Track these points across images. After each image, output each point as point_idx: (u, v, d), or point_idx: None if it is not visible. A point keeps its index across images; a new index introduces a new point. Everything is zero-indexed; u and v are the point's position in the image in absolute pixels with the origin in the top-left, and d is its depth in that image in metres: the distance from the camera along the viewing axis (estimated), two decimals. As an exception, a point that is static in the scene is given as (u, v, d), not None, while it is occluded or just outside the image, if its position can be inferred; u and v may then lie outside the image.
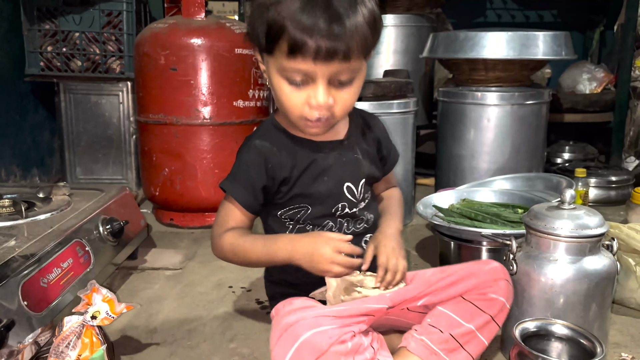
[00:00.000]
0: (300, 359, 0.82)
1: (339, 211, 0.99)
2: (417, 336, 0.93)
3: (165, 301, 1.29)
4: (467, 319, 0.92)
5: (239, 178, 0.96)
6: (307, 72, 0.85)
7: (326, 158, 0.98)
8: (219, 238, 0.97)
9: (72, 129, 2.15)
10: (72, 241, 1.18)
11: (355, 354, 0.85)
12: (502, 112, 1.87)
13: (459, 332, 0.92)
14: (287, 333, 0.84)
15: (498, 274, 0.95)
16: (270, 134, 0.98)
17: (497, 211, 1.38)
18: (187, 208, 1.79)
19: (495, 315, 0.93)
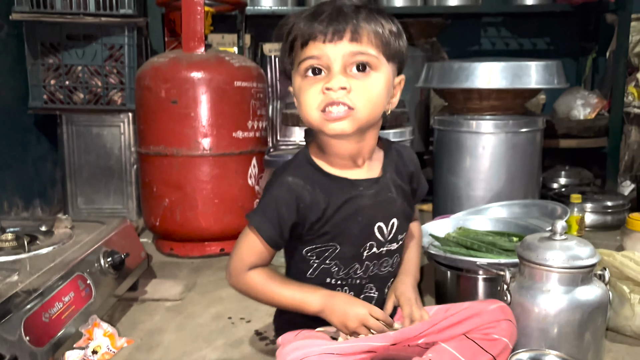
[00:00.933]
0: None
1: (366, 250, 0.99)
2: None
3: (165, 333, 1.30)
4: (469, 357, 0.93)
5: (268, 213, 0.94)
6: (320, 57, 0.88)
7: (361, 197, 0.96)
8: (243, 276, 0.97)
9: (73, 160, 2.18)
10: (74, 275, 1.19)
11: None
12: (497, 140, 1.90)
13: None
14: None
15: (502, 315, 0.96)
16: (303, 169, 0.96)
17: (493, 240, 1.40)
18: (187, 238, 1.81)
19: (497, 355, 0.94)
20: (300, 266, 1.00)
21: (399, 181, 1.02)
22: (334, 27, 0.87)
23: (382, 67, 0.90)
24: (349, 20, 0.88)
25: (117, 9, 2.01)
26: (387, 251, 1.01)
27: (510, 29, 2.95)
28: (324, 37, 0.88)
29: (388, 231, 1.00)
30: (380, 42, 0.90)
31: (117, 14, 2.02)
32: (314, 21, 0.89)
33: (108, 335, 0.99)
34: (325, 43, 0.87)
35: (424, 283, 1.58)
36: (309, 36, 0.89)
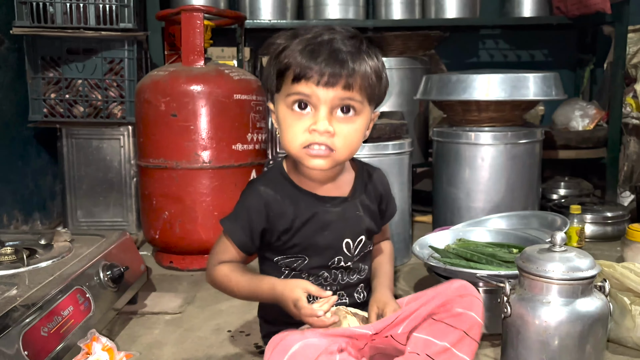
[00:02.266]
0: None
1: (334, 264, 1.04)
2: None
3: (165, 347, 1.29)
4: (440, 337, 0.95)
5: (239, 220, 1.01)
6: (310, 96, 0.92)
7: (328, 212, 1.02)
8: (213, 269, 1.03)
9: (73, 173, 2.18)
10: (73, 288, 1.19)
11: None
12: (496, 152, 1.91)
13: (434, 351, 0.94)
14: (278, 346, 0.87)
15: (464, 290, 0.98)
16: (276, 181, 1.03)
17: (493, 251, 1.40)
18: (186, 251, 1.80)
19: (467, 329, 0.95)
20: (272, 274, 1.05)
21: (367, 201, 1.08)
22: (329, 73, 0.91)
23: (364, 110, 0.96)
24: (344, 67, 0.91)
25: (117, 23, 2.03)
26: (354, 264, 1.06)
27: (508, 41, 2.97)
28: (318, 80, 0.91)
29: (354, 247, 1.05)
30: (366, 88, 0.95)
31: (117, 27, 2.03)
32: (310, 60, 0.91)
33: (107, 350, 0.99)
34: (318, 86, 0.91)
35: (424, 295, 1.58)
36: (303, 75, 0.91)
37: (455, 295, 0.97)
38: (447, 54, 2.83)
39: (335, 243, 1.03)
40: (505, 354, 1.06)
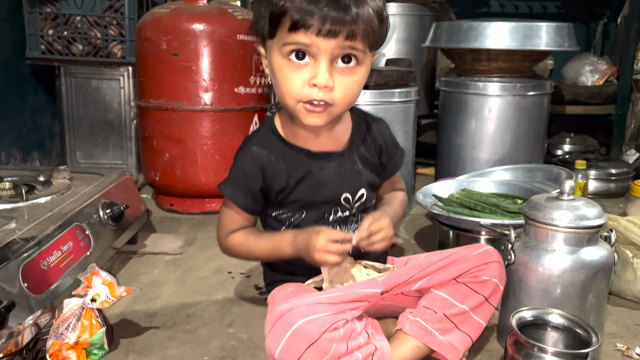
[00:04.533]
0: (293, 346, 0.83)
1: (332, 215, 1.01)
2: (412, 318, 0.95)
3: (164, 286, 1.30)
4: (461, 300, 0.94)
5: (238, 183, 0.97)
6: (309, 46, 0.84)
7: (323, 170, 0.98)
8: (226, 240, 1.01)
9: (72, 113, 2.14)
10: (73, 224, 1.18)
11: (348, 339, 0.86)
12: (504, 103, 1.87)
13: (452, 312, 0.94)
14: (280, 321, 0.85)
15: (489, 257, 0.96)
16: (268, 140, 0.99)
17: (497, 201, 1.39)
18: (187, 194, 1.79)
19: (488, 296, 0.95)
20: (271, 228, 1.03)
21: (367, 154, 1.03)
22: (331, 21, 0.82)
23: (366, 60, 0.90)
24: (347, 12, 0.82)
25: (117, -43, 1.95)
26: (354, 216, 1.03)
27: (520, -9, 2.88)
28: (319, 29, 0.82)
29: (355, 200, 1.02)
30: (369, 34, 0.87)
31: (117, -38, 1.96)
32: (310, 4, 0.82)
33: (107, 284, 0.98)
34: (319, 36, 0.83)
35: (426, 244, 1.57)
36: (303, 24, 0.82)
37: (480, 261, 0.95)
38: (457, 2, 2.75)
39: (332, 199, 1.00)
40: (507, 302, 1.05)
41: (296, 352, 0.83)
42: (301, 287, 0.99)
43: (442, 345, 0.93)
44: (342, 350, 0.85)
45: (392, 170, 1.10)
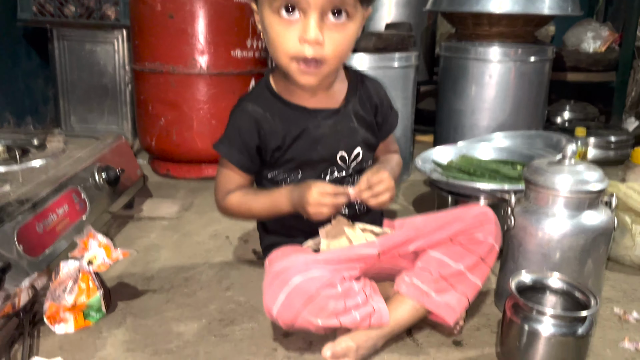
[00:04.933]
0: (290, 304, 0.84)
1: (328, 175, 0.99)
2: (408, 279, 0.95)
3: (162, 250, 1.29)
4: (456, 259, 0.94)
5: (234, 142, 0.96)
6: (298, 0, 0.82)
7: (319, 127, 0.96)
8: (224, 201, 0.99)
9: (66, 77, 2.10)
10: (68, 188, 1.17)
11: (346, 297, 0.86)
12: (505, 69, 1.84)
13: (448, 273, 0.94)
14: (278, 279, 0.85)
15: (485, 217, 0.96)
16: (263, 98, 0.97)
17: (496, 167, 1.38)
18: (183, 159, 1.77)
19: (484, 256, 0.95)
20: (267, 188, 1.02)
21: (362, 112, 1.01)
22: None
23: (357, 14, 0.87)
24: None
25: None
26: (350, 176, 1.01)
27: (524, -46, 2.81)
28: None
29: (351, 160, 1.00)
30: None
31: None
32: None
33: (103, 247, 0.97)
34: None
35: (425, 210, 1.57)
36: None
37: (475, 221, 0.96)
38: (458, -34, 2.68)
39: (328, 157, 0.98)
40: (505, 267, 1.05)
41: (294, 309, 0.83)
42: (298, 249, 0.98)
43: (438, 306, 0.93)
44: (340, 307, 0.85)
45: (387, 131, 1.08)
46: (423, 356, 0.93)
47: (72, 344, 0.94)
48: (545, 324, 0.83)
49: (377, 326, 0.90)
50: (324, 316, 0.84)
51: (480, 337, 0.99)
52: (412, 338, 0.98)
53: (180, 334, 0.98)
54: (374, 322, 0.89)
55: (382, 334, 0.91)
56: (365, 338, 0.89)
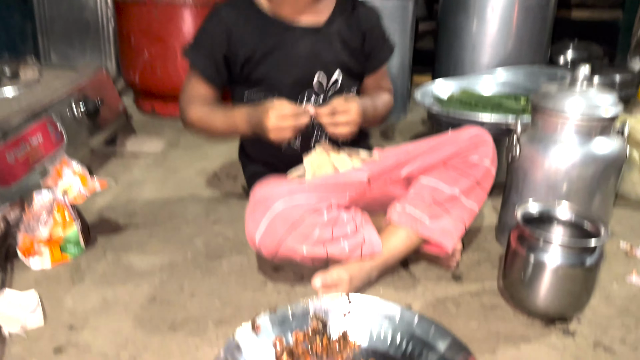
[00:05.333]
0: (274, 231, 0.78)
1: (305, 98, 0.93)
2: (400, 208, 0.89)
3: (146, 185, 1.22)
4: (451, 184, 0.88)
5: (202, 47, 0.91)
6: None
7: (296, 44, 0.90)
8: (187, 109, 0.94)
9: (44, 12, 1.99)
10: (42, 118, 1.09)
11: (333, 226, 0.81)
12: (508, 2, 1.74)
13: (442, 198, 0.88)
14: (260, 205, 0.80)
15: (480, 139, 0.90)
16: (242, 5, 0.91)
17: (499, 101, 1.30)
18: (168, 95, 1.68)
19: (480, 179, 0.89)
20: None
21: (347, 35, 0.94)
22: None
23: None
24: None
25: None
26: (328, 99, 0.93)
27: None
28: None
29: (329, 85, 0.94)
30: None
31: None
32: None
33: (79, 176, 0.91)
34: None
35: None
36: None
37: (470, 143, 0.89)
38: None
39: (304, 79, 0.92)
40: (508, 200, 0.99)
41: (277, 237, 0.78)
42: (283, 179, 0.92)
43: (433, 232, 0.87)
44: (327, 236, 0.80)
45: (377, 63, 1.00)
46: (421, 289, 0.89)
47: (48, 278, 0.89)
48: (552, 255, 0.78)
49: (369, 257, 0.85)
50: (310, 244, 0.79)
51: (480, 271, 0.94)
52: (408, 272, 0.93)
53: (164, 268, 0.92)
54: (366, 252, 0.84)
55: (375, 265, 0.86)
56: (358, 269, 0.83)
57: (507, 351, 0.75)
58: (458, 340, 0.70)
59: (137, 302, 0.83)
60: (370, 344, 0.74)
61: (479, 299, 0.87)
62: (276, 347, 0.72)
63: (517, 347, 0.76)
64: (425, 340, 0.72)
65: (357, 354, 0.73)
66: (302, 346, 0.72)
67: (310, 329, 0.75)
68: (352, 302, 0.77)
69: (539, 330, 0.80)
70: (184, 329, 0.78)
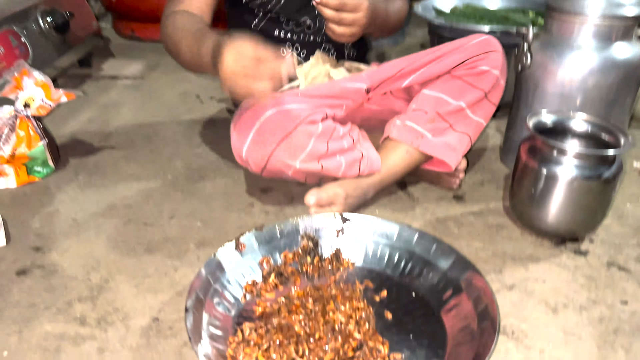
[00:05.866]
0: (262, 140, 0.70)
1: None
2: (400, 122, 0.80)
3: (123, 108, 1.13)
4: (456, 96, 0.79)
5: None
6: None
7: None
8: (163, 20, 0.80)
9: None
10: (2, 28, 0.98)
11: (329, 138, 0.72)
12: None
13: (447, 110, 0.79)
14: (247, 114, 0.71)
15: (489, 46, 0.80)
16: None
17: (506, 14, 1.20)
18: (148, 16, 1.56)
19: (488, 91, 0.80)
20: (245, 18, 0.87)
21: None
22: None
23: None
24: None
25: None
26: None
27: None
28: None
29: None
30: None
31: None
32: None
33: (41, 86, 0.81)
34: None
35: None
36: None
37: (479, 49, 0.79)
38: None
39: None
40: (517, 115, 0.91)
41: (267, 147, 0.70)
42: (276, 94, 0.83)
43: (435, 147, 0.79)
44: (322, 149, 0.72)
45: None
46: (420, 210, 0.82)
47: (14, 199, 0.81)
48: (566, 166, 0.70)
49: (367, 174, 0.77)
50: (303, 157, 0.71)
51: (484, 192, 0.87)
52: (406, 193, 0.86)
53: (141, 190, 0.85)
54: (364, 168, 0.76)
55: (372, 183, 0.78)
56: (354, 186, 0.76)
57: (514, 272, 0.69)
58: (463, 257, 0.63)
59: (110, 224, 0.76)
60: (365, 264, 0.68)
61: (483, 219, 0.80)
62: (263, 267, 0.65)
63: (526, 267, 0.70)
64: (426, 259, 0.66)
65: (351, 275, 0.66)
66: (292, 266, 0.66)
67: (300, 249, 0.68)
68: (346, 220, 0.70)
69: (548, 251, 0.73)
70: (161, 251, 0.71)
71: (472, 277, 0.61)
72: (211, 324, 0.56)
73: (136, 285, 0.64)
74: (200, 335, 0.54)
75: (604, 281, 0.68)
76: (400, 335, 0.58)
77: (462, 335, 0.56)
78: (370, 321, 0.58)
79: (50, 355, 0.54)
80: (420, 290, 0.64)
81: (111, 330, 0.58)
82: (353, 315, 0.58)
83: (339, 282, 0.65)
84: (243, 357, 0.54)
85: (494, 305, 0.56)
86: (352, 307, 0.60)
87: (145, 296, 0.63)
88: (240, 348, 0.54)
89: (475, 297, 0.59)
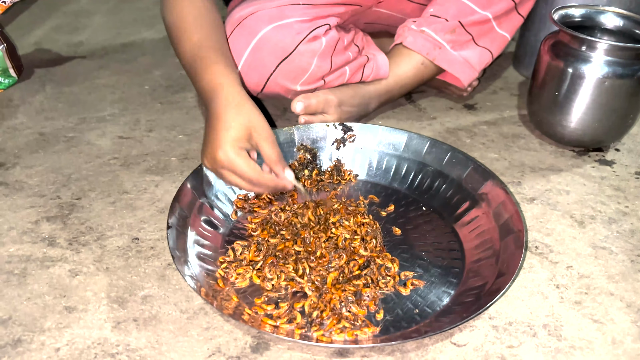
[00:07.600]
0: (260, 62, 0.61)
1: None
2: (416, 28, 0.70)
3: (94, 16, 1.02)
4: (483, 4, 0.69)
5: None
6: None
7: None
8: None
9: None
10: None
11: (332, 53, 0.63)
12: None
13: (471, 20, 0.69)
14: (240, 28, 0.61)
15: None
16: None
17: None
18: None
19: (519, 1, 0.70)
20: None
21: None
22: None
23: None
24: None
25: None
26: None
27: None
28: None
29: None
30: None
31: None
32: None
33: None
34: None
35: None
36: None
37: None
38: None
39: None
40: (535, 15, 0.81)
41: (265, 70, 0.61)
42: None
43: (453, 62, 0.70)
44: (325, 67, 0.63)
45: None
46: (427, 120, 0.74)
47: (-29, 113, 0.72)
48: (596, 64, 0.62)
49: (371, 79, 0.68)
50: (305, 79, 0.62)
51: (497, 100, 0.79)
52: (412, 103, 0.78)
53: (115, 102, 0.76)
54: (368, 72, 0.67)
55: (375, 91, 0.69)
56: (351, 93, 0.67)
57: (535, 183, 0.62)
58: (481, 166, 0.56)
59: (82, 138, 0.68)
60: (369, 177, 0.61)
61: (497, 128, 0.72)
62: (254, 181, 0.57)
63: (547, 178, 0.63)
64: (439, 170, 0.59)
65: (354, 189, 0.59)
66: (287, 179, 0.58)
67: (297, 161, 0.60)
68: (346, 130, 0.62)
69: (570, 161, 0.66)
70: (139, 165, 0.63)
71: (491, 188, 0.54)
72: (198, 243, 0.49)
73: (112, 202, 0.57)
74: (186, 254, 0.47)
75: (634, 192, 0.61)
76: (411, 252, 0.51)
77: (482, 252, 0.50)
78: (377, 237, 0.52)
79: (15, 279, 0.48)
80: (431, 204, 0.57)
81: (84, 252, 0.51)
82: (358, 231, 0.52)
83: (340, 197, 0.58)
84: (235, 277, 0.47)
85: (518, 217, 0.49)
86: (357, 223, 0.53)
87: (123, 214, 0.55)
88: (231, 268, 0.48)
89: (495, 210, 0.52)
